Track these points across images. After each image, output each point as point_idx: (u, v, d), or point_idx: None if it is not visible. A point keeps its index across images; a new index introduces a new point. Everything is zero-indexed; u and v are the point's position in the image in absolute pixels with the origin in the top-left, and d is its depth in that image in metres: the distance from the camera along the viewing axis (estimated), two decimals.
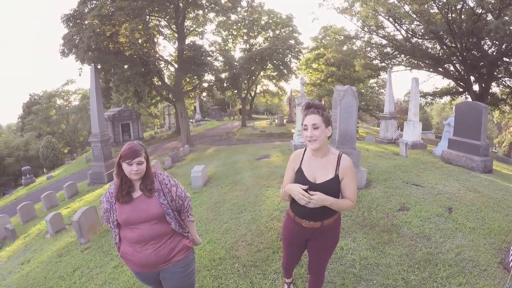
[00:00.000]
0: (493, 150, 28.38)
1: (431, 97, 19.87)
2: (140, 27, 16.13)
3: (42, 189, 16.62)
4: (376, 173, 6.54)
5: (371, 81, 34.68)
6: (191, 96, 29.80)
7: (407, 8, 15.79)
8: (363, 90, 39.79)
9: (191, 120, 34.58)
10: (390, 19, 16.53)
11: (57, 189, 13.64)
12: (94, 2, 16.99)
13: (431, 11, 14.89)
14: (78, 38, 16.61)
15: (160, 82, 23.17)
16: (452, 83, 18.39)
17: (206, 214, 5.35)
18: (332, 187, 1.92)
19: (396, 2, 15.89)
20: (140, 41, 17.79)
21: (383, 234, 3.79)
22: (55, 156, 31.64)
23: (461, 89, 17.44)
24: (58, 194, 12.53)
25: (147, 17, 17.99)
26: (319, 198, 1.81)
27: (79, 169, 22.43)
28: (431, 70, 17.81)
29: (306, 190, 1.85)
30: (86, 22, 16.32)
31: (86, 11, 16.75)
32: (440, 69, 17.16)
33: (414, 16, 15.34)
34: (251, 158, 11.24)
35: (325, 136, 1.91)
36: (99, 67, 16.37)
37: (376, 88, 36.92)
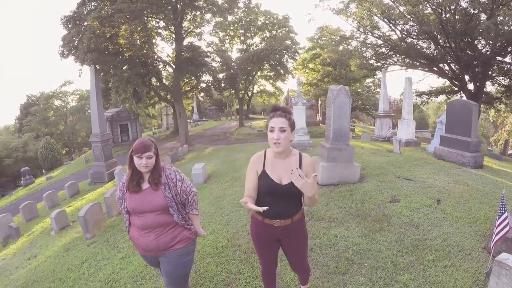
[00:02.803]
0: (489, 148, 28.67)
1: (427, 96, 20.12)
2: (139, 28, 16.28)
3: (41, 190, 16.73)
4: (370, 169, 6.79)
5: (368, 80, 34.95)
6: (189, 96, 29.94)
7: (401, 9, 16.03)
8: (359, 90, 40.07)
9: (189, 120, 34.67)
10: (385, 19, 16.77)
11: (57, 189, 13.72)
12: (93, 4, 17.14)
13: (425, 11, 15.13)
14: (77, 39, 16.75)
15: (158, 83, 23.34)
16: (447, 82, 18.64)
17: (208, 208, 5.59)
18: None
19: (391, 3, 16.13)
20: (139, 42, 17.94)
21: (375, 223, 4.04)
22: (53, 157, 31.60)
23: (456, 88, 17.70)
24: (59, 193, 12.71)
25: (146, 18, 18.15)
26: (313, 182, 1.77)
27: (78, 169, 22.51)
28: (426, 69, 18.06)
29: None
30: (86, 23, 16.50)
31: (85, 12, 16.90)
32: (435, 68, 17.42)
33: (408, 17, 15.58)
34: (249, 156, 11.39)
35: (289, 140, 1.98)
36: (98, 68, 16.53)
37: (373, 87, 37.21)
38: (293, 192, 1.99)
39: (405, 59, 17.97)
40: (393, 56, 19.09)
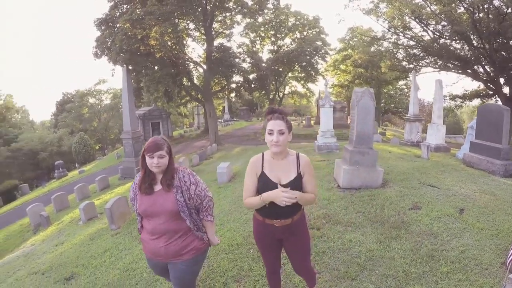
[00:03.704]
0: None
1: (461, 100, 19.30)
2: (170, 30, 16.73)
3: (74, 183, 17.60)
4: (394, 174, 6.64)
5: (401, 82, 34.06)
6: (219, 96, 30.36)
7: (432, 8, 15.49)
8: (392, 92, 39.08)
9: (219, 120, 35.22)
10: (416, 19, 16.28)
11: (88, 183, 14.46)
12: (125, 6, 17.85)
13: (458, 11, 14.54)
14: (110, 40, 17.52)
15: (189, 83, 23.91)
16: (482, 86, 17.80)
17: (228, 206, 5.74)
18: (296, 185, 2.07)
19: (422, 2, 15.62)
20: (169, 43, 18.42)
21: (392, 230, 3.97)
22: (87, 152, 33.14)
23: (491, 92, 16.86)
24: (90, 187, 13.37)
25: (176, 20, 18.62)
26: (293, 194, 1.94)
27: (109, 164, 23.51)
28: (459, 71, 17.34)
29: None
30: (118, 25, 17.20)
31: (117, 15, 17.66)
32: (469, 70, 16.68)
33: (441, 16, 15.02)
34: None
35: (287, 141, 2.05)
36: (130, 68, 17.19)
37: (406, 90, 36.22)
38: None
39: (438, 61, 17.33)
40: (426, 57, 18.48)
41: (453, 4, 14.09)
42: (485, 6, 13.52)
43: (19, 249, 7.59)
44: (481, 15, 14.21)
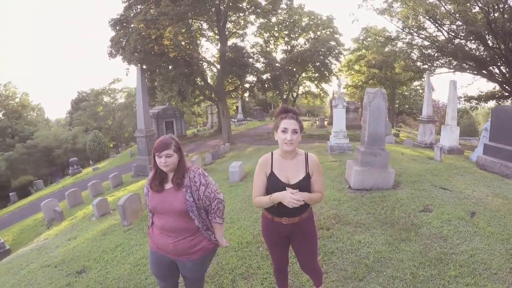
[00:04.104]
0: None
1: (476, 101, 18.93)
2: (183, 30, 16.89)
3: (87, 179, 18.01)
4: (406, 176, 6.59)
5: (415, 83, 33.58)
6: (233, 96, 30.47)
7: (447, 7, 15.23)
8: (406, 93, 38.51)
9: (233, 120, 35.34)
10: (431, 19, 16.04)
11: (102, 180, 14.75)
12: (139, 7, 18.10)
13: (473, 10, 14.26)
14: (124, 40, 17.80)
15: (203, 82, 24.02)
16: (498, 87, 17.41)
17: (239, 205, 5.81)
18: (305, 185, 2.12)
19: (436, 1, 15.37)
20: (183, 43, 18.57)
21: (401, 232, 3.96)
22: (101, 149, 33.67)
23: (506, 93, 16.49)
24: (103, 184, 13.64)
25: (190, 20, 18.78)
26: (301, 196, 2.01)
27: (123, 162, 23.89)
28: (475, 72, 17.01)
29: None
30: (132, 25, 17.46)
31: (131, 15, 17.93)
32: (484, 71, 16.35)
33: (457, 16, 14.75)
34: None
35: (298, 141, 2.09)
36: (144, 67, 17.43)
37: (420, 91, 35.66)
38: (300, 191, 2.07)
39: (452, 61, 17.04)
40: (441, 58, 18.19)
41: (468, 4, 13.83)
42: (500, 6, 13.23)
43: (33, 243, 7.82)
44: (496, 14, 13.91)
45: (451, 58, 16.88)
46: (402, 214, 4.52)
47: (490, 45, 14.92)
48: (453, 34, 16.31)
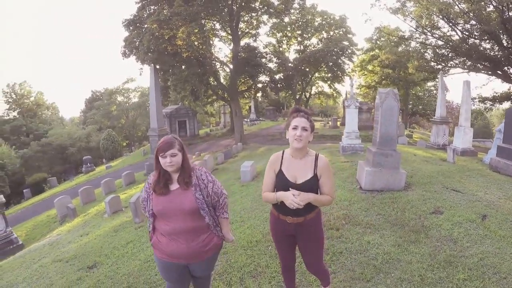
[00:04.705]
0: None
1: (490, 102, 18.55)
2: (196, 30, 17.04)
3: (100, 177, 18.28)
4: (417, 177, 6.54)
5: (429, 84, 33.03)
6: (246, 96, 30.56)
7: (460, 6, 14.95)
8: (420, 94, 37.93)
9: (245, 120, 35.44)
10: (444, 18, 15.78)
11: (114, 178, 15.05)
12: (152, 8, 18.33)
13: (487, 9, 13.97)
14: (138, 41, 18.07)
15: (216, 82, 24.20)
16: None
17: (250, 204, 5.88)
18: (312, 186, 2.14)
19: (450, 0, 15.10)
20: (196, 43, 18.70)
21: (411, 234, 3.95)
22: (114, 148, 34.19)
23: None
24: (116, 182, 13.89)
25: (203, 21, 18.91)
26: (303, 198, 2.05)
27: (136, 161, 24.22)
28: (489, 73, 16.66)
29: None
30: (145, 26, 17.70)
31: (145, 16, 18.18)
32: (499, 72, 16.00)
33: (471, 15, 14.46)
34: None
35: (308, 140, 2.12)
36: (158, 67, 17.65)
37: (434, 91, 35.05)
38: (305, 191, 2.10)
39: (467, 62, 16.74)
40: (455, 58, 17.88)
41: (482, 2, 13.55)
42: None
43: (46, 238, 8.02)
44: (510, 13, 13.60)
45: (465, 58, 16.58)
46: (413, 216, 4.50)
47: (504, 45, 14.59)
48: (467, 33, 16.02)
